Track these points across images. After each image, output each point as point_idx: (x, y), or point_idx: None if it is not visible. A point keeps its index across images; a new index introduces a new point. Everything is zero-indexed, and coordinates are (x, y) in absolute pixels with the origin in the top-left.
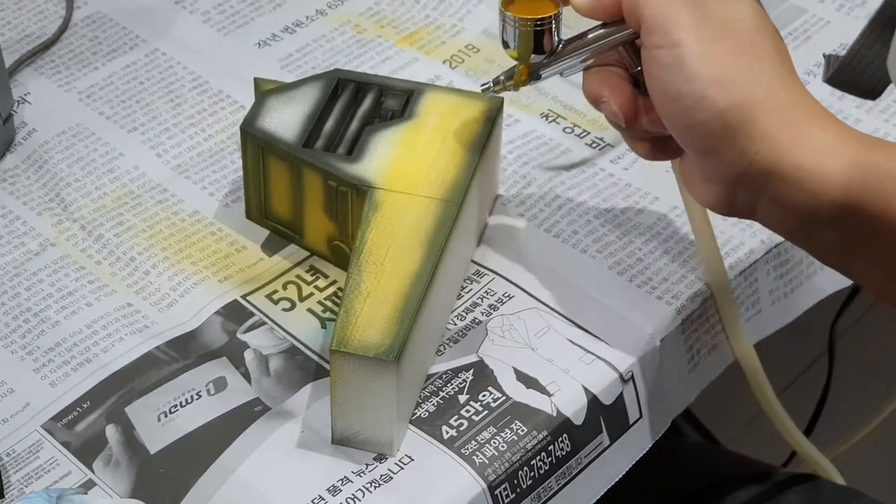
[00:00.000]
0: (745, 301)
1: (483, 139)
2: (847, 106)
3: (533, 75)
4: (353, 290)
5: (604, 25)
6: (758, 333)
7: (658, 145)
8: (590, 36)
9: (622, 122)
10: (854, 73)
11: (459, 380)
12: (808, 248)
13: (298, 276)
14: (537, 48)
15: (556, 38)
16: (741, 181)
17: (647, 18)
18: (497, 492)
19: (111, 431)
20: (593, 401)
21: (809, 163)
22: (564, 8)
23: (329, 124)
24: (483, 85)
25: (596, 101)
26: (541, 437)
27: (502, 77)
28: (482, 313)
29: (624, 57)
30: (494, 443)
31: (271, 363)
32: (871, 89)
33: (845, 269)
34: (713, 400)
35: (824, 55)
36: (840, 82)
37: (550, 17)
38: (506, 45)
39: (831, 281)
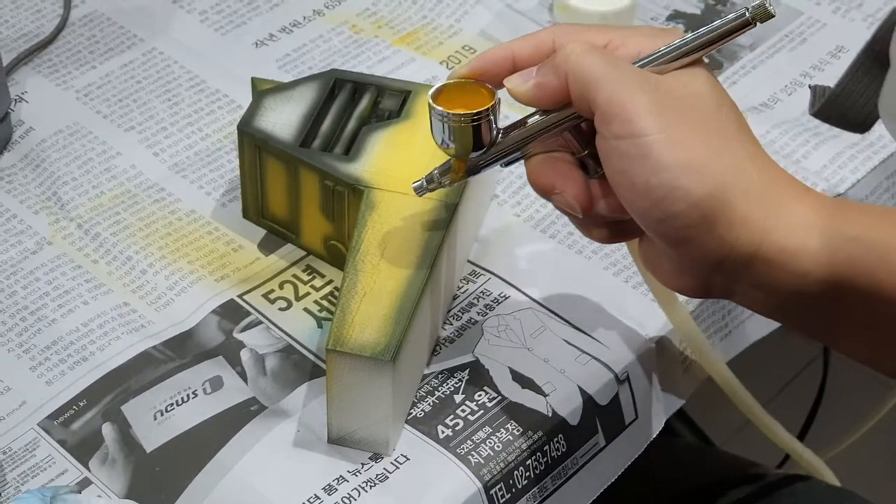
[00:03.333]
0: (737, 305)
1: None
2: None
3: (471, 171)
4: (350, 289)
5: (545, 111)
6: (749, 337)
7: (616, 229)
8: (530, 122)
9: (579, 212)
10: (843, 108)
11: (455, 379)
12: (792, 326)
13: (295, 276)
14: (476, 144)
15: (495, 129)
16: (720, 268)
17: (601, 105)
18: (492, 492)
19: (107, 430)
20: (589, 401)
21: (792, 242)
22: (499, 94)
23: (326, 124)
24: (415, 183)
25: (547, 193)
26: (536, 437)
27: (436, 173)
28: (478, 313)
29: (570, 141)
30: (490, 443)
31: (267, 362)
32: (860, 123)
33: (831, 342)
34: (707, 401)
35: (810, 87)
36: (828, 116)
37: (487, 109)
38: (439, 141)
39: None
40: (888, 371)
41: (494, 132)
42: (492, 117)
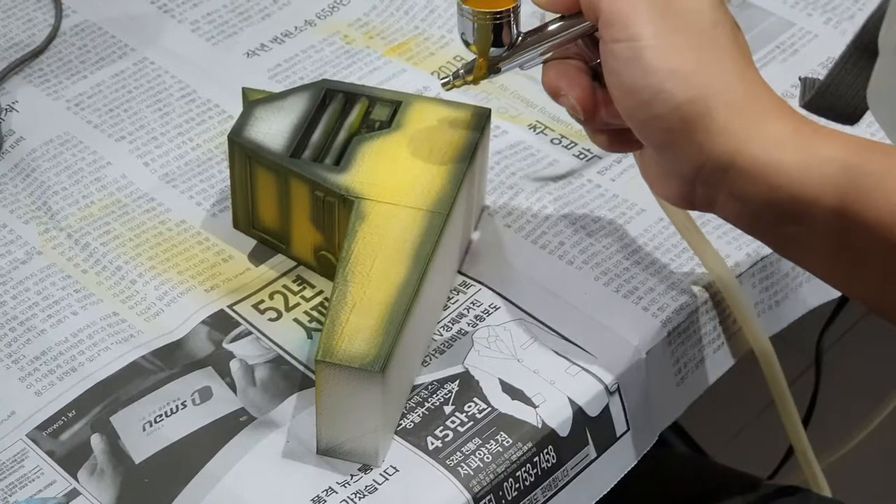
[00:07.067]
0: (731, 314)
1: (470, 150)
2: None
3: (492, 69)
4: (340, 300)
5: (563, 18)
6: (745, 345)
7: (617, 137)
8: (549, 28)
9: (580, 115)
10: (832, 99)
11: (445, 391)
12: (767, 242)
13: (285, 286)
14: (496, 42)
15: (515, 31)
16: (699, 175)
17: (604, 11)
18: (482, 503)
19: (96, 440)
20: (579, 413)
21: (767, 156)
22: (522, 1)
23: (317, 134)
24: (442, 79)
25: (555, 94)
26: (526, 448)
27: (461, 71)
28: (468, 324)
29: (583, 49)
30: (479, 454)
31: (257, 373)
32: (849, 115)
33: (804, 262)
34: (701, 412)
35: (800, 78)
36: (817, 107)
37: (509, 10)
38: (465, 40)
39: (817, 293)
40: (853, 293)
41: (515, 34)
42: (512, 19)
